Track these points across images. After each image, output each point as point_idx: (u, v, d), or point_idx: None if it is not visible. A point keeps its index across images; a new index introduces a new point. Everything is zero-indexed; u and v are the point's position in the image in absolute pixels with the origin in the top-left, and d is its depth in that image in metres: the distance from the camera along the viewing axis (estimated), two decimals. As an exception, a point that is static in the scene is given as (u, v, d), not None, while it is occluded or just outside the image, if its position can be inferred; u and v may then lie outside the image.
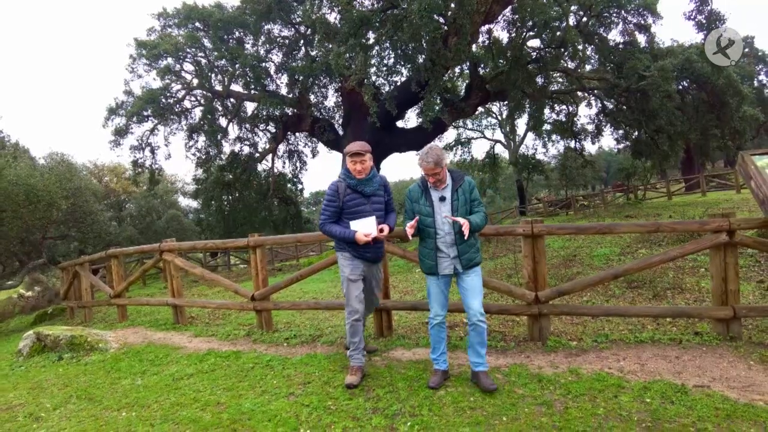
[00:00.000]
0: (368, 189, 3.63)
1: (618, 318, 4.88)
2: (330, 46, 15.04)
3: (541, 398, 3.12)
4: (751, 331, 4.12)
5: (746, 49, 32.28)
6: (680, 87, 15.96)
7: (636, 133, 18.84)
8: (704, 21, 11.61)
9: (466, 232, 3.20)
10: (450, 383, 3.46)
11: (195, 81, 20.89)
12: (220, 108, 21.46)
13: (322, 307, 5.42)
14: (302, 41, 19.21)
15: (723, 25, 11.18)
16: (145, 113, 19.07)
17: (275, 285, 5.40)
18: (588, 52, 18.11)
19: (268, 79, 19.63)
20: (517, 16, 14.44)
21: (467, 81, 18.92)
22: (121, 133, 19.29)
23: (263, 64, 18.95)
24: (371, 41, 12.76)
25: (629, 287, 6.34)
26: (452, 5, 10.80)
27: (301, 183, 23.38)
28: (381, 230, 3.58)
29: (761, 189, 3.50)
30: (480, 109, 25.33)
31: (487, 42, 16.45)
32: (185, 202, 37.36)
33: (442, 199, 3.37)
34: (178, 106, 20.83)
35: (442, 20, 11.37)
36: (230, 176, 22.49)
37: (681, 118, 15.20)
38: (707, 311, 4.01)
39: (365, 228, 3.52)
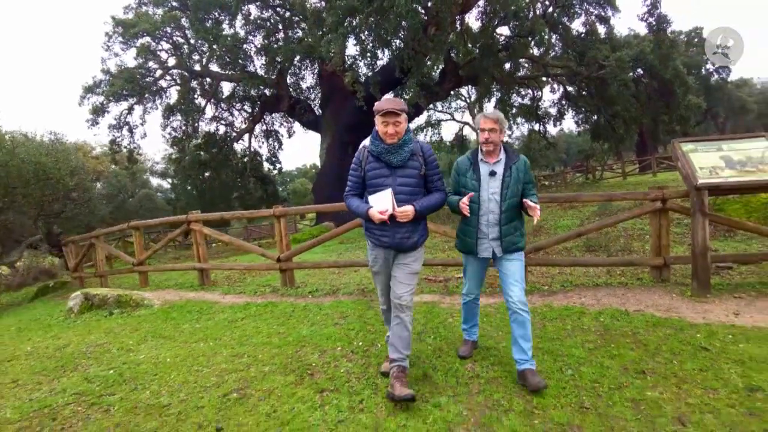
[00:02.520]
0: (396, 159, 2.92)
1: (579, 271, 6.10)
2: (306, 27, 15.66)
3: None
4: (677, 276, 5.38)
5: (695, 40, 34.51)
6: (635, 76, 17.43)
7: (595, 117, 20.37)
8: (654, 23, 13.01)
9: (537, 216, 3.00)
10: (455, 311, 4.54)
11: (172, 60, 21.00)
12: (197, 87, 21.69)
13: (341, 266, 6.40)
14: (281, 24, 19.63)
15: (669, 27, 12.58)
16: (123, 92, 19.13)
17: (297, 248, 6.35)
18: (553, 40, 19.38)
19: (248, 60, 20.01)
20: (489, 7, 15.44)
21: (441, 66, 19.86)
22: (98, 111, 19.30)
23: (244, 45, 19.27)
24: (354, 27, 13.50)
25: (588, 250, 7.59)
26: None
27: (279, 162, 23.91)
28: (401, 208, 2.87)
29: (684, 167, 4.69)
30: (451, 92, 26.36)
31: (459, 29, 17.42)
32: (155, 181, 37.19)
33: (492, 174, 3.10)
34: (154, 85, 20.93)
35: (422, 11, 12.24)
36: (206, 155, 22.79)
37: (635, 105, 16.71)
38: (646, 260, 5.26)
39: (379, 203, 2.87)
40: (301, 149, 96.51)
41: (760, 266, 5.61)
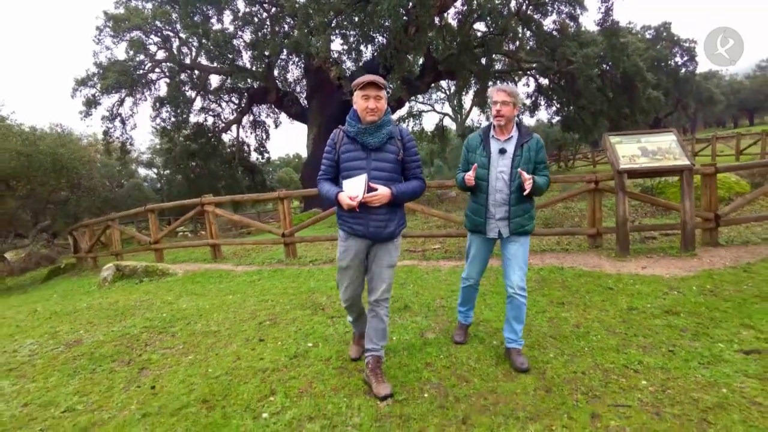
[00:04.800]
0: (373, 140, 2.76)
1: (533, 241, 7.36)
2: (295, 25, 16.58)
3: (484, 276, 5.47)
4: (609, 243, 6.68)
5: (664, 34, 36.19)
6: (600, 71, 18.81)
7: (566, 109, 21.77)
8: (608, 28, 14.45)
9: (528, 187, 2.88)
10: (430, 271, 5.75)
11: (161, 53, 21.68)
12: (187, 80, 22.41)
13: (336, 239, 7.54)
14: (268, 20, 20.47)
15: (621, 31, 13.95)
16: (117, 85, 19.79)
17: (299, 226, 7.50)
18: (527, 36, 20.66)
19: (237, 55, 20.82)
20: (465, 7, 16.60)
21: (422, 61, 20.98)
22: (91, 104, 19.96)
23: (233, 40, 20.06)
24: (341, 26, 14.53)
25: (545, 226, 8.88)
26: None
27: (268, 152, 24.84)
28: (373, 192, 2.70)
29: (611, 156, 5.96)
30: (431, 85, 27.50)
31: (438, 24, 18.54)
32: (143, 171, 37.68)
33: (502, 151, 3.02)
34: (144, 78, 21.60)
35: (404, 13, 13.32)
36: (195, 146, 23.55)
37: (600, 98, 18.10)
38: (584, 230, 6.56)
39: (352, 189, 2.72)
40: (283, 139, 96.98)
41: (677, 236, 6.94)
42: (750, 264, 5.16)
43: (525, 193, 2.91)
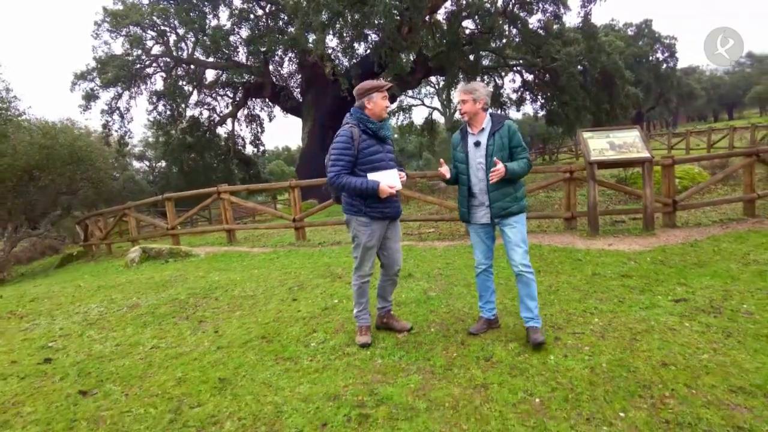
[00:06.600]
0: (388, 133, 3.33)
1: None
2: (294, 24, 17.27)
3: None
4: (583, 225, 7.63)
5: (646, 30, 37.39)
6: (582, 68, 19.82)
7: (550, 104, 22.76)
8: (586, 30, 15.50)
9: (494, 178, 3.09)
10: (426, 249, 6.64)
11: (157, 48, 22.15)
12: (184, 75, 22.93)
13: (342, 223, 8.39)
14: (265, 17, 21.08)
15: (598, 33, 14.96)
16: (118, 79, 20.29)
17: (307, 212, 8.34)
18: (513, 33, 21.56)
19: (233, 51, 21.41)
20: (455, 7, 17.45)
21: (413, 57, 21.78)
22: (90, 98, 20.45)
23: (231, 37, 20.64)
24: (338, 27, 15.28)
25: (528, 212, 9.84)
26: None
27: (263, 145, 25.48)
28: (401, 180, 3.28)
29: (584, 149, 6.88)
30: (421, 80, 28.31)
31: (429, 22, 19.36)
32: (137, 164, 38.01)
33: (477, 144, 3.25)
34: (141, 72, 22.09)
35: (396, 14, 14.12)
36: (191, 139, 24.13)
37: (582, 94, 19.12)
38: (560, 214, 7.51)
39: (388, 180, 3.18)
40: (273, 133, 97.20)
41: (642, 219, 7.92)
42: (697, 240, 6.13)
43: (491, 182, 3.13)
